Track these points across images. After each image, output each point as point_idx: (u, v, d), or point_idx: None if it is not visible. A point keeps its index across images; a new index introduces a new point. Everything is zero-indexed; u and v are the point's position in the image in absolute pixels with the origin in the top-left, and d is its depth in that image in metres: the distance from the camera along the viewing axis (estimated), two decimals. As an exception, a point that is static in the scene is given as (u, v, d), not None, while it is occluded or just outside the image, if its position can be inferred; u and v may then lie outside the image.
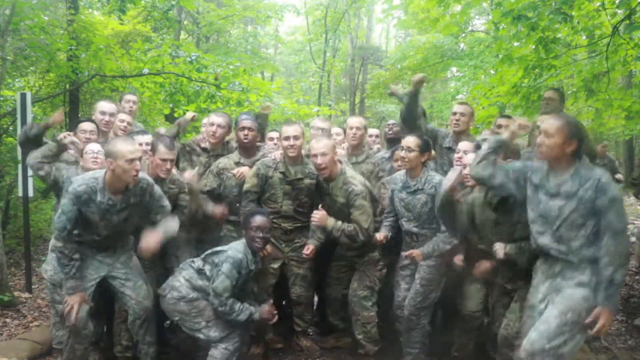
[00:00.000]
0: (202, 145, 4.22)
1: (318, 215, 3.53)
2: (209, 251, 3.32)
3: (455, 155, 3.68)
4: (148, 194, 3.16)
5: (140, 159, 2.99)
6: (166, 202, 3.30)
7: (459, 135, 4.02)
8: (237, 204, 3.86)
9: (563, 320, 2.46)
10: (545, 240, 2.59)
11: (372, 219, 3.56)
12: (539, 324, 2.53)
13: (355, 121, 4.18)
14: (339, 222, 3.52)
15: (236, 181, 3.83)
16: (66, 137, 3.84)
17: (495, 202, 3.08)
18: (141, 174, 3.09)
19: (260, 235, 3.28)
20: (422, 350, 3.56)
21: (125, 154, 2.89)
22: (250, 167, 3.82)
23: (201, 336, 3.16)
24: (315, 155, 3.48)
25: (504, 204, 3.05)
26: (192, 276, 3.23)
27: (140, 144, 3.41)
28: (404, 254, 3.49)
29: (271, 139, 4.45)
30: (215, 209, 3.64)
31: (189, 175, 3.57)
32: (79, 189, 2.93)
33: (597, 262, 2.45)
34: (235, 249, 3.27)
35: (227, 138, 4.20)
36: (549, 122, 2.54)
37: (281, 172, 3.68)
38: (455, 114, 4.04)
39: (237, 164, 3.90)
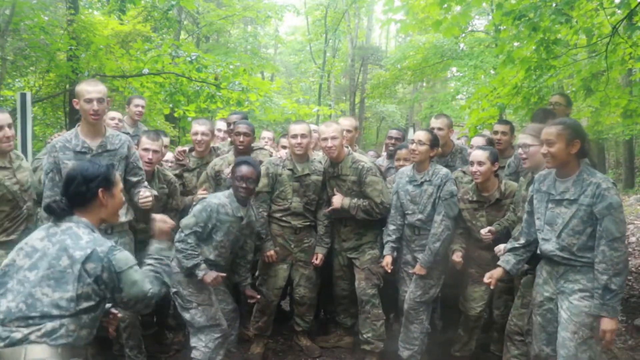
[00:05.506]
0: (191, 156, 4.19)
1: (334, 198, 3.68)
2: None
3: (469, 150, 3.79)
4: (127, 147, 3.15)
5: (100, 100, 2.95)
6: (142, 167, 3.30)
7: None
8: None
9: (578, 340, 2.46)
10: (549, 246, 2.58)
11: (385, 192, 3.66)
12: (560, 348, 2.51)
13: (346, 123, 4.15)
14: (354, 200, 3.65)
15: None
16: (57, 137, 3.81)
17: None
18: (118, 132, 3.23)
19: (244, 185, 3.20)
20: (420, 348, 3.55)
21: (83, 93, 2.96)
22: None
23: (187, 316, 3.14)
24: (326, 139, 3.58)
25: None
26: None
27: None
28: (410, 270, 3.54)
29: (284, 147, 4.35)
30: None
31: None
32: (54, 141, 3.02)
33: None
34: (216, 195, 3.29)
35: (216, 144, 4.20)
36: (547, 131, 2.51)
37: (289, 169, 3.74)
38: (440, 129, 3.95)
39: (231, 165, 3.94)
